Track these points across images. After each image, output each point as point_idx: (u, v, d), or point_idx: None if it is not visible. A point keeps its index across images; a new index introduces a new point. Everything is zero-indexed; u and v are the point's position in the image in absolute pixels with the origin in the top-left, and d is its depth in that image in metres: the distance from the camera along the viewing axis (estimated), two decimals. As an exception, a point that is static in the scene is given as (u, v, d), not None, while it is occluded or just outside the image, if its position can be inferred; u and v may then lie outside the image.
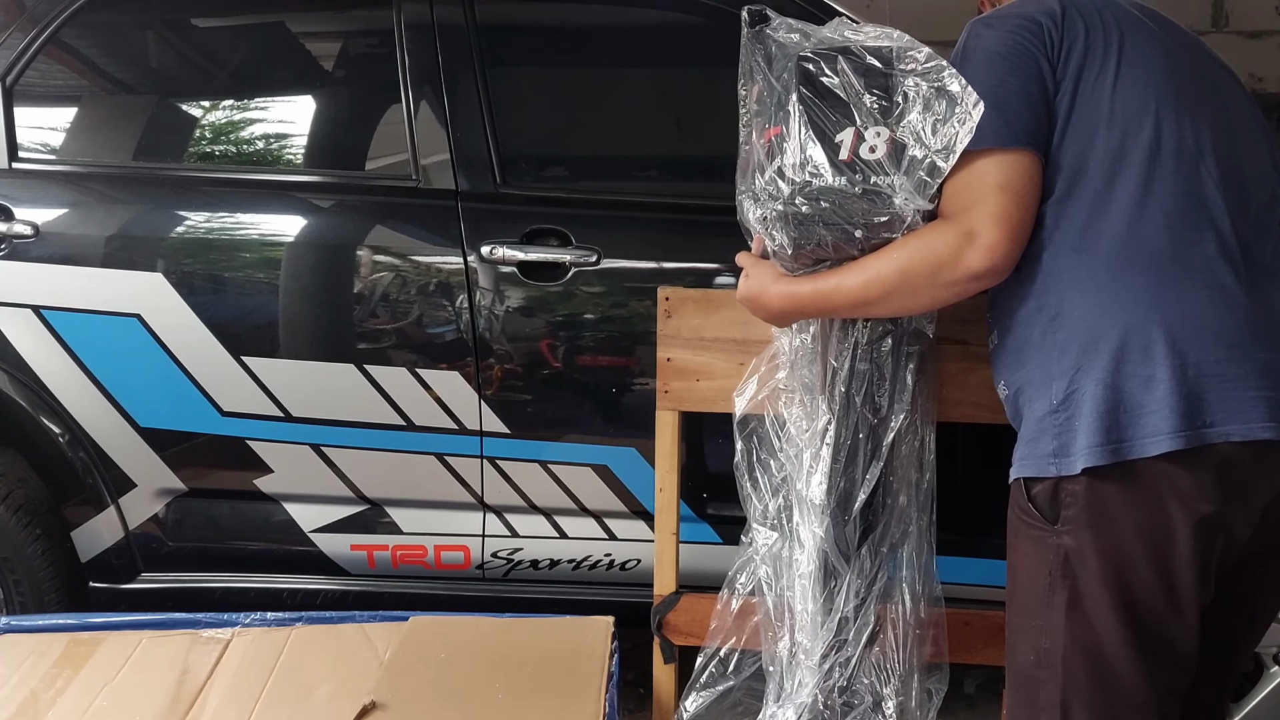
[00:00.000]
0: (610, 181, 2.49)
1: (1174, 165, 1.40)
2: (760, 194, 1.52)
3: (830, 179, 1.45)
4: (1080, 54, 1.44)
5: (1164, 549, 1.36)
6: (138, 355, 2.33)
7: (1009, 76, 1.43)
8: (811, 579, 1.72)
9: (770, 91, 1.53)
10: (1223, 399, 1.33)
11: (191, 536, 2.46)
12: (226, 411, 2.35)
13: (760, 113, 1.56)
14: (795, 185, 1.47)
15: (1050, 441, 1.40)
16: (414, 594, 2.39)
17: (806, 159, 1.46)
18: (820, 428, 1.71)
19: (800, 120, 1.46)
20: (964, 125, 1.41)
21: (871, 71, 1.47)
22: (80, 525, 2.43)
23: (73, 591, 2.43)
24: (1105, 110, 1.42)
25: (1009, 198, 1.39)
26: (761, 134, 1.53)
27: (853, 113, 1.46)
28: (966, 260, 1.40)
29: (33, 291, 2.35)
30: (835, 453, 1.70)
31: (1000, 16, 1.49)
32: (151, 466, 2.40)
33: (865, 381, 1.69)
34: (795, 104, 1.47)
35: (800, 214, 1.48)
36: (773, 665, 1.79)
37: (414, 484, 2.38)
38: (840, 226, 1.49)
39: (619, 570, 2.39)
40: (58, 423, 2.38)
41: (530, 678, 1.81)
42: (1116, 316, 1.37)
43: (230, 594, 2.43)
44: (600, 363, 2.34)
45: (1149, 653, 1.39)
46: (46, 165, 2.46)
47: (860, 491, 1.71)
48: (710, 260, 2.27)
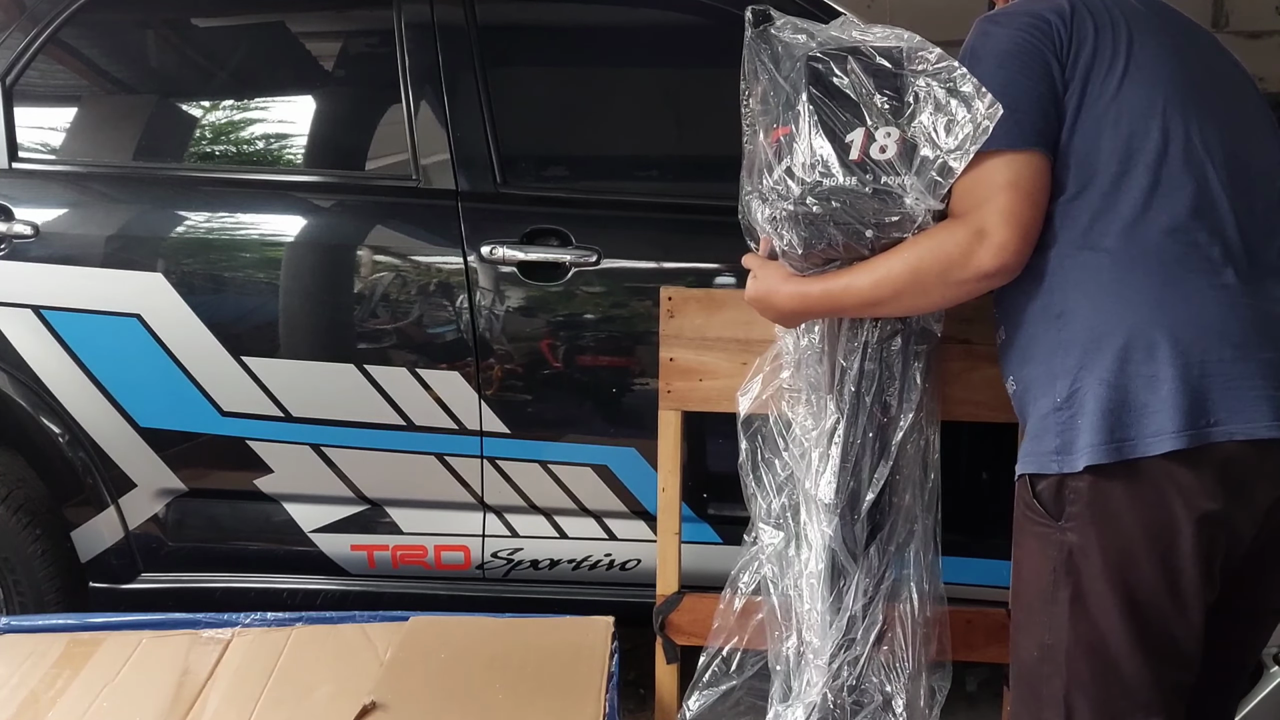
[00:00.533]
0: (611, 181, 2.49)
1: (1181, 165, 1.40)
2: (769, 194, 1.51)
3: (841, 179, 1.45)
4: (1089, 53, 1.44)
5: (1167, 546, 1.36)
6: (138, 355, 2.32)
7: (1019, 75, 1.42)
8: (820, 578, 1.72)
9: (777, 91, 1.52)
10: (1227, 398, 1.33)
11: (191, 537, 2.46)
12: (226, 411, 2.34)
13: (766, 112, 1.55)
14: (806, 185, 1.46)
15: (1053, 439, 1.40)
16: (414, 594, 2.39)
17: (817, 159, 1.45)
18: (829, 427, 1.71)
19: (810, 120, 1.46)
20: (978, 128, 1.40)
21: (882, 72, 1.47)
22: (80, 525, 2.43)
23: (73, 591, 2.43)
24: (1113, 110, 1.42)
25: (1019, 196, 1.40)
26: (769, 134, 1.53)
27: (863, 113, 1.46)
28: (977, 259, 1.40)
29: (33, 291, 2.35)
30: (845, 452, 1.70)
31: (1009, 14, 1.48)
32: (151, 466, 2.40)
33: (875, 380, 1.69)
34: (805, 104, 1.46)
35: (811, 214, 1.48)
36: (779, 665, 1.79)
37: (414, 484, 2.38)
38: (851, 226, 1.48)
39: (619, 570, 2.39)
40: (58, 423, 2.38)
41: (530, 678, 1.81)
42: (1121, 316, 1.37)
43: (230, 594, 2.42)
44: (600, 363, 2.33)
45: (1152, 650, 1.39)
46: (46, 165, 2.46)
47: (869, 491, 1.71)
48: (711, 260, 2.27)
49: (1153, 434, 1.33)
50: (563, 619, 1.99)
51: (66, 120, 2.54)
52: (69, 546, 2.43)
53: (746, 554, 1.84)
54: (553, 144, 2.49)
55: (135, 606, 2.35)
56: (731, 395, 1.87)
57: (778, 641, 1.79)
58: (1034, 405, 1.45)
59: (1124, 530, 1.37)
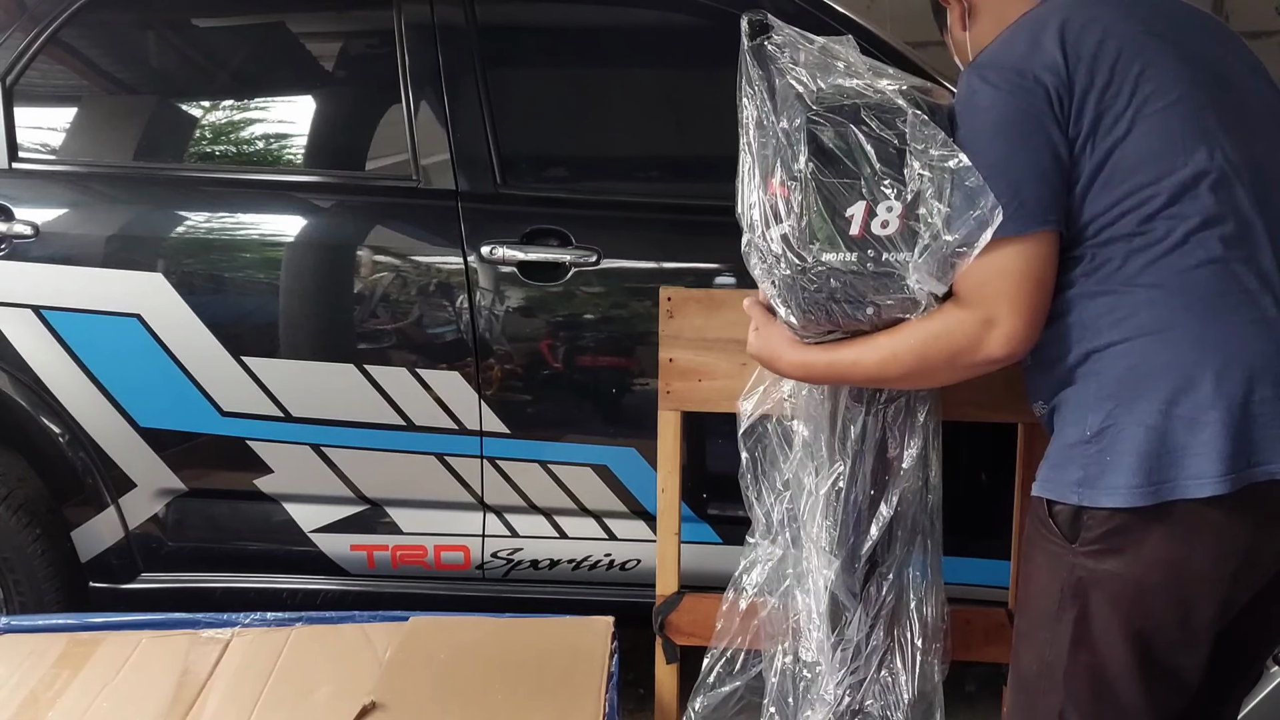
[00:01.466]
0: (610, 182, 2.49)
1: (1211, 194, 1.35)
2: (768, 255, 1.48)
3: (839, 257, 1.42)
4: (1094, 106, 1.37)
5: (1188, 582, 1.34)
6: (138, 355, 2.32)
7: (1020, 147, 1.37)
8: (822, 617, 1.70)
9: (771, 133, 1.48)
10: (1267, 437, 1.30)
11: (191, 537, 2.46)
12: (226, 411, 2.35)
13: (764, 145, 1.50)
14: (804, 263, 1.44)
15: (1076, 470, 1.37)
16: (414, 594, 2.39)
17: (815, 233, 1.42)
18: (829, 478, 1.68)
19: (811, 192, 1.42)
20: (983, 228, 1.36)
21: (884, 143, 1.42)
22: (80, 525, 2.43)
23: (73, 591, 2.43)
24: (1131, 153, 1.37)
25: (1028, 284, 1.36)
26: (766, 178, 1.48)
27: (864, 186, 1.42)
28: (986, 347, 1.38)
29: (33, 291, 2.35)
30: (845, 506, 1.67)
31: (998, 68, 1.40)
32: (152, 466, 2.40)
33: (877, 433, 1.66)
34: (806, 172, 1.43)
35: (808, 290, 1.46)
36: (774, 677, 1.78)
37: (414, 484, 2.38)
38: (850, 304, 1.46)
39: (619, 570, 2.39)
40: (58, 423, 2.38)
41: (530, 678, 1.81)
42: (1160, 355, 1.34)
43: (230, 594, 2.43)
44: (600, 363, 2.34)
45: (1154, 678, 1.38)
46: (46, 165, 2.46)
47: (869, 536, 1.69)
48: (711, 261, 2.27)
49: (1192, 477, 1.30)
50: (562, 619, 1.99)
51: (67, 120, 2.55)
52: (69, 546, 2.43)
53: (750, 554, 1.84)
54: (553, 145, 2.49)
55: (135, 606, 2.35)
56: (731, 396, 1.86)
57: (778, 656, 1.78)
58: (1061, 432, 1.42)
59: (1142, 563, 1.34)
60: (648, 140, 2.48)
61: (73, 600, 2.43)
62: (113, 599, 2.43)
